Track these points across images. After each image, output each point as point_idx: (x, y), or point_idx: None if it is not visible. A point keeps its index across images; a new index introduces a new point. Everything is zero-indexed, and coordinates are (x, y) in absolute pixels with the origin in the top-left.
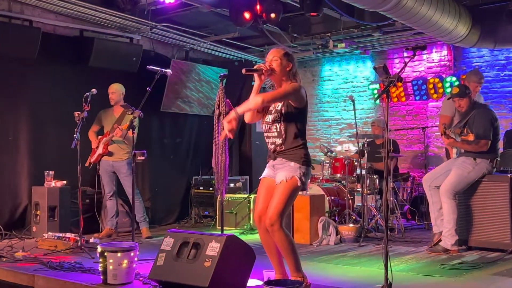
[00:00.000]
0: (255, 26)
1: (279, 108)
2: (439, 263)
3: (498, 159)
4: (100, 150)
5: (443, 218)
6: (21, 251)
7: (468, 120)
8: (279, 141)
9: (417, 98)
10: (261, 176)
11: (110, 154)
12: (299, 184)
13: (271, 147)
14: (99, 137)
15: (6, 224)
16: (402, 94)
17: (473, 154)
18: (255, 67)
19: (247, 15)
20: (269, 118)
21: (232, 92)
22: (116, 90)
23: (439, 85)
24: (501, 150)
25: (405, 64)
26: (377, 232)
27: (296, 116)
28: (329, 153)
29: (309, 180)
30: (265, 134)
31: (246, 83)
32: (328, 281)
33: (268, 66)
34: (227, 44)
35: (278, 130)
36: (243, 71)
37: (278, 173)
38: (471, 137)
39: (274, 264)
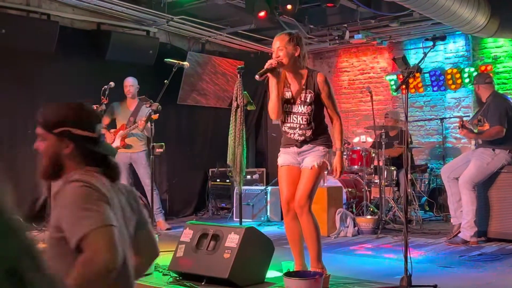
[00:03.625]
0: (271, 17)
1: (308, 100)
2: (458, 255)
3: None
4: (117, 143)
5: (462, 210)
6: (41, 243)
7: (484, 109)
8: (309, 132)
9: (435, 89)
10: (281, 164)
11: (128, 146)
12: (329, 168)
13: (300, 138)
14: (112, 130)
15: (25, 217)
16: (420, 85)
17: (492, 145)
18: (266, 67)
19: (261, 14)
20: (294, 109)
21: (249, 84)
22: (134, 83)
23: (457, 75)
24: None
25: (425, 54)
26: (395, 224)
27: (321, 103)
28: (346, 145)
29: (326, 172)
30: (288, 125)
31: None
32: (347, 273)
33: (276, 59)
34: (243, 36)
35: (308, 121)
36: (257, 77)
37: (307, 157)
38: (486, 127)
39: (295, 254)
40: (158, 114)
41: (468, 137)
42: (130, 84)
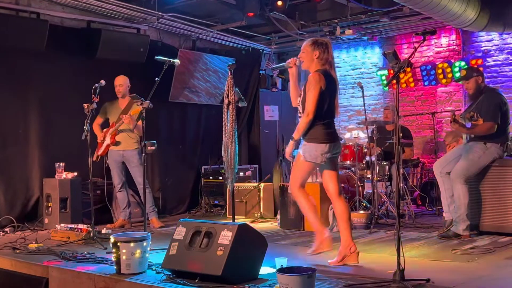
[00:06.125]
0: (262, 14)
1: (301, 94)
2: (450, 248)
3: (509, 143)
4: (107, 141)
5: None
6: (34, 242)
7: (477, 104)
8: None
9: (426, 83)
10: None
11: (117, 143)
12: (301, 159)
13: None
14: (104, 130)
15: (18, 216)
16: (411, 79)
17: (483, 139)
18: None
19: (250, 14)
20: (298, 100)
21: (240, 81)
22: (124, 83)
23: (448, 70)
24: (511, 134)
25: (415, 49)
26: (387, 219)
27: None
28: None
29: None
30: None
31: (253, 72)
32: (340, 268)
33: (294, 59)
34: (234, 32)
35: (302, 112)
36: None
37: None
38: (480, 122)
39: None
40: (142, 107)
41: (460, 132)
42: (120, 83)
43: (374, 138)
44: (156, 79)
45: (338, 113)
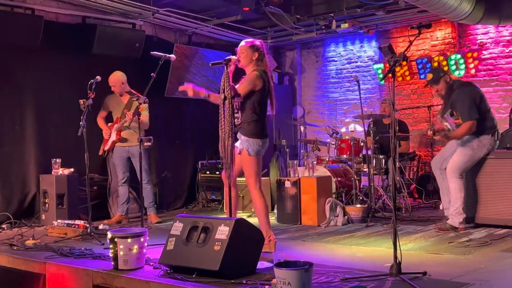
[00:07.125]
0: (257, 8)
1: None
2: (447, 241)
3: (498, 130)
4: (113, 138)
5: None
6: (31, 239)
7: (451, 103)
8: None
9: (422, 76)
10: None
11: (124, 140)
12: (248, 155)
13: (236, 122)
14: (109, 124)
15: (15, 213)
16: (407, 73)
17: (475, 132)
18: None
19: (245, 9)
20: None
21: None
22: (116, 83)
23: (444, 63)
24: (507, 127)
25: (411, 43)
26: (384, 212)
27: (250, 96)
28: (334, 134)
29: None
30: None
31: None
32: (337, 262)
33: (234, 59)
34: (230, 27)
35: (238, 107)
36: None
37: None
38: (460, 120)
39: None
40: (146, 104)
41: (445, 140)
42: (112, 84)
43: (371, 132)
44: (152, 74)
45: (274, 109)
